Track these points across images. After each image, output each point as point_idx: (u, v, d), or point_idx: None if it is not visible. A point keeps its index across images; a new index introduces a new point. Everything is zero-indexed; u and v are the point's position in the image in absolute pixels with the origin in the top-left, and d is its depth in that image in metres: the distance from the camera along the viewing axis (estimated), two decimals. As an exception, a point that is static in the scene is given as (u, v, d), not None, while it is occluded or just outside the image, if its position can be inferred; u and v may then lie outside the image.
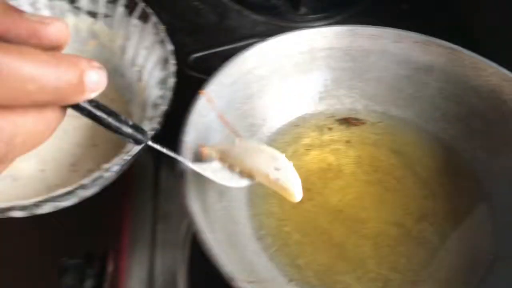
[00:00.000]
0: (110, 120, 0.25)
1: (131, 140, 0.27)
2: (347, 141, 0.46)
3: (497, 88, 0.42)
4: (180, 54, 0.57)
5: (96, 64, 0.20)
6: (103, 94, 0.22)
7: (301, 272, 0.37)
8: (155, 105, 0.38)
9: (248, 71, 0.42)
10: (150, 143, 0.29)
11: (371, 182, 0.43)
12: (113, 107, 0.26)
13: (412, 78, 0.46)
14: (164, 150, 0.31)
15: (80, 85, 0.20)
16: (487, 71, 0.43)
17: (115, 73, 0.45)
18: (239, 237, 0.36)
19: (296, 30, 0.44)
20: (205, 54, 0.58)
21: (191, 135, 0.35)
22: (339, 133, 0.46)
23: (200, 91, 0.38)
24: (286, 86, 0.45)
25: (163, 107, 0.37)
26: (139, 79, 0.43)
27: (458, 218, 0.41)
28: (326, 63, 0.45)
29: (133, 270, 0.42)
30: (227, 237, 0.35)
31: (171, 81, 0.38)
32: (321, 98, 0.46)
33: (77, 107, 0.22)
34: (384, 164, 0.44)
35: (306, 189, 0.35)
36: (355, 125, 0.46)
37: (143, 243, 0.43)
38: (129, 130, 0.26)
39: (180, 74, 0.40)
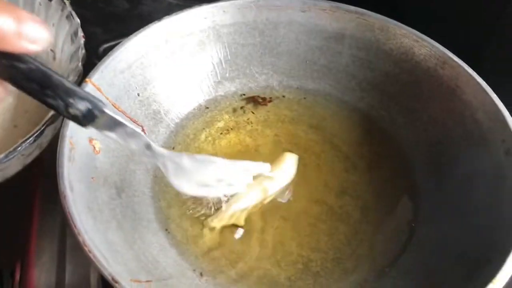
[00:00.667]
0: (60, 78, 0.22)
1: (87, 105, 0.23)
2: (264, 120, 0.43)
3: (408, 50, 0.41)
4: (90, 46, 0.54)
5: (38, 18, 0.21)
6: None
7: (215, 263, 0.35)
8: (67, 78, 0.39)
9: (143, 54, 0.39)
10: (108, 110, 0.25)
11: (290, 161, 0.41)
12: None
13: (324, 48, 0.43)
14: (126, 122, 0.27)
15: (16, 30, 0.20)
16: (397, 33, 0.41)
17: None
18: (142, 233, 0.34)
19: (194, 7, 0.41)
20: (117, 44, 0.54)
21: (73, 128, 0.32)
22: (255, 112, 0.44)
23: (85, 79, 0.35)
24: (190, 67, 0.42)
25: (75, 78, 0.37)
26: (54, 58, 0.44)
27: (378, 188, 0.39)
28: (232, 39, 0.43)
29: (41, 278, 0.39)
30: (125, 235, 0.32)
31: (82, 53, 0.39)
32: (232, 78, 0.44)
33: (21, 60, 0.21)
34: (302, 140, 0.42)
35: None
36: (263, 104, 0.43)
37: (52, 249, 0.40)
38: (83, 93, 0.23)
39: (90, 66, 0.38)
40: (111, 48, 0.54)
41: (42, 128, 0.33)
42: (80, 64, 0.38)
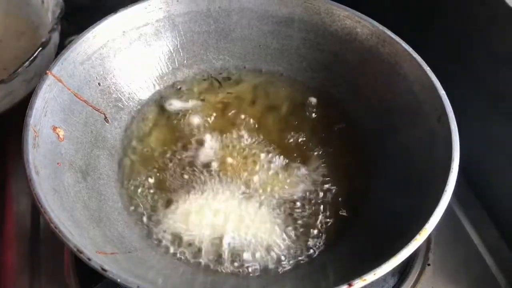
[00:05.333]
0: None
1: None
2: (224, 103, 0.46)
3: (352, 30, 0.44)
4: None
5: None
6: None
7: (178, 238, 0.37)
8: (53, 13, 0.46)
9: (102, 46, 0.41)
10: None
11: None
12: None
13: (276, 33, 0.46)
14: None
15: None
16: (341, 15, 0.44)
17: (22, 3, 0.52)
18: (107, 213, 0.36)
19: (149, -2, 0.43)
20: (81, 37, 0.56)
21: (37, 117, 0.34)
22: (215, 96, 0.46)
23: (46, 71, 0.37)
24: (149, 56, 0.44)
25: (58, 11, 0.45)
26: (42, 1, 0.51)
27: (332, 160, 0.42)
28: (188, 28, 0.45)
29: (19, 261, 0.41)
30: (91, 214, 0.34)
31: None
32: (190, 64, 0.46)
33: None
34: (259, 120, 0.45)
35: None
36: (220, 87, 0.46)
37: (25, 234, 0.42)
38: None
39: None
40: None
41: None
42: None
